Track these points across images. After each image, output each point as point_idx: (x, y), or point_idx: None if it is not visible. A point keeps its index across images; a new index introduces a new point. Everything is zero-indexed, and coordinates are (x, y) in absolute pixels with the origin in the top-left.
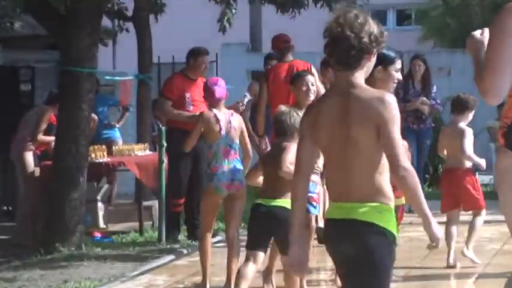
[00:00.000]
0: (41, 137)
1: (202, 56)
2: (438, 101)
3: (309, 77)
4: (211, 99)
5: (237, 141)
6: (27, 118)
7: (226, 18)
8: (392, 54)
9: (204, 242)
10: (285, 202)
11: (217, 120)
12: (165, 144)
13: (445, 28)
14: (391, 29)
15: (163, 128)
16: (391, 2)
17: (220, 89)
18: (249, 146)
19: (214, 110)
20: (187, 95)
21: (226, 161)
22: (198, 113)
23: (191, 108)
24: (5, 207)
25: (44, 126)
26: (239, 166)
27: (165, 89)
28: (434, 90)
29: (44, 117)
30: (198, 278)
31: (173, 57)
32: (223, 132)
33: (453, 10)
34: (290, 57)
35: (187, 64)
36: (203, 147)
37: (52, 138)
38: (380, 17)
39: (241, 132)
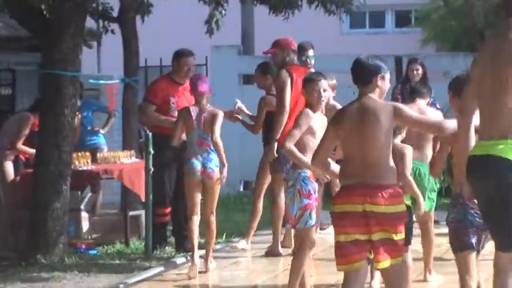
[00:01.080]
0: (21, 146)
1: (185, 58)
2: (438, 106)
3: (322, 82)
4: (194, 92)
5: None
6: (7, 125)
7: (215, 19)
8: (379, 63)
9: (191, 224)
10: None
11: (190, 115)
12: (152, 152)
13: (446, 31)
14: (390, 31)
15: (150, 134)
16: (390, 3)
17: (204, 84)
18: (214, 137)
19: (190, 107)
20: (173, 99)
21: (199, 149)
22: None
23: (176, 113)
24: None
25: (24, 133)
26: (212, 156)
27: (149, 92)
28: (433, 94)
29: (26, 124)
30: None
31: (161, 60)
32: (195, 125)
33: (455, 12)
34: (296, 60)
35: (172, 67)
36: None
37: (33, 150)
38: (378, 18)
39: (213, 125)
